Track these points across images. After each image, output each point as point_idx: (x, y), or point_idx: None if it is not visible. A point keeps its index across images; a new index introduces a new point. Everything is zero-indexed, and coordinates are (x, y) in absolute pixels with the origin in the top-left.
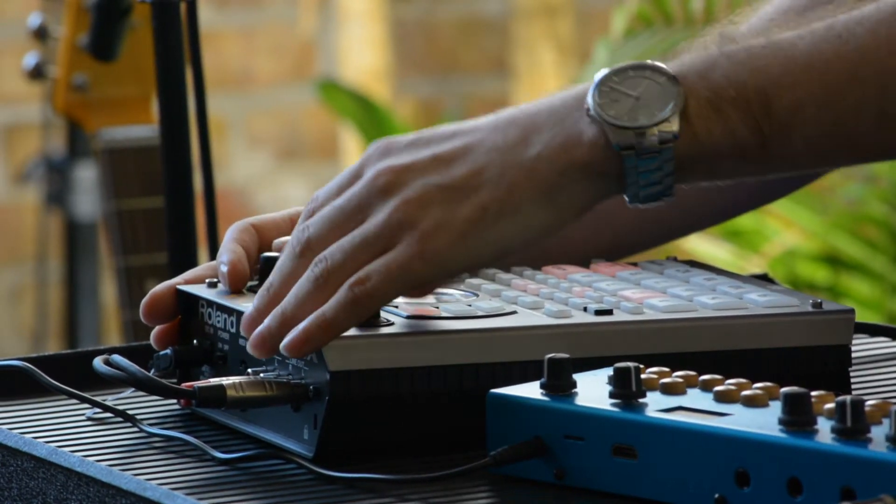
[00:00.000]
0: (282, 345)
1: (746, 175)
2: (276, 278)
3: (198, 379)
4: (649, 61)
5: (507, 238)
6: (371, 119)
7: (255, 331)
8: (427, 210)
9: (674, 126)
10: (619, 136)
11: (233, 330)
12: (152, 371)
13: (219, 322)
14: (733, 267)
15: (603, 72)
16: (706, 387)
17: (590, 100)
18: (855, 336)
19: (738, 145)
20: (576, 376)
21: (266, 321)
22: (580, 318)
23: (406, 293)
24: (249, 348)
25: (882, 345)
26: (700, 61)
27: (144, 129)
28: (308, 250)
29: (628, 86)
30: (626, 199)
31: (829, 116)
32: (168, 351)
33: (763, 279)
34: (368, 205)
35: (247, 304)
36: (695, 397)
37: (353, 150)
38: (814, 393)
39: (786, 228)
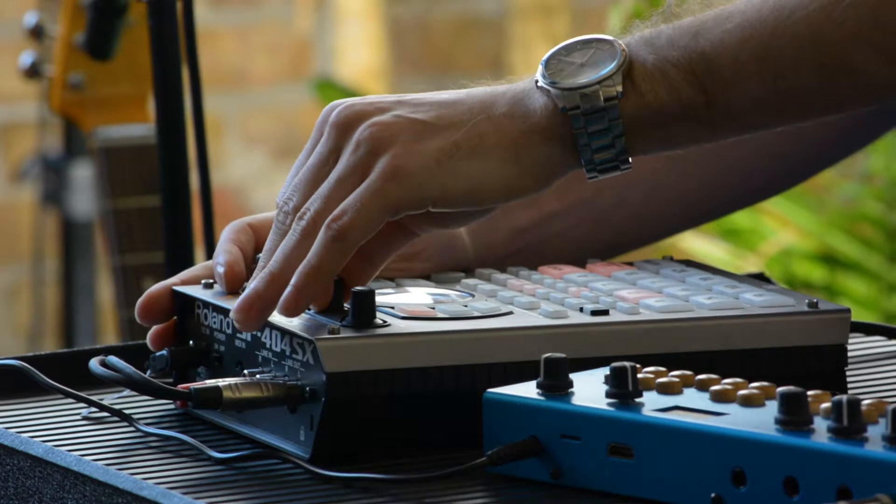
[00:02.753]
0: (277, 307)
1: (701, 139)
2: (263, 257)
3: (194, 380)
4: (598, 35)
5: (478, 177)
6: None
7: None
8: (399, 135)
9: (617, 85)
10: (564, 99)
11: (229, 331)
12: (148, 372)
13: (215, 323)
14: (730, 266)
15: (552, 49)
16: (702, 386)
17: (538, 74)
18: (851, 335)
19: (684, 105)
20: (572, 376)
21: (252, 284)
22: (576, 318)
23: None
24: (234, 315)
25: (878, 344)
26: (647, 31)
27: (141, 128)
28: (294, 214)
29: (575, 56)
30: (585, 170)
31: (770, 72)
32: (164, 352)
33: (759, 278)
34: (340, 146)
35: None
36: (691, 397)
37: None
38: (810, 392)
39: (782, 227)
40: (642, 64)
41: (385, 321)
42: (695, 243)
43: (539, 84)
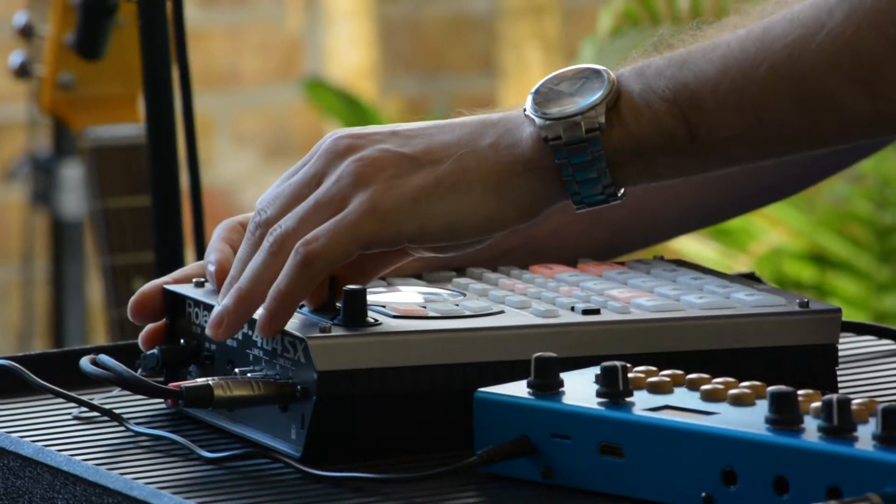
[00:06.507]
0: (257, 330)
1: (686, 171)
2: (234, 267)
3: (185, 379)
4: (590, 65)
5: (456, 214)
6: (357, 118)
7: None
8: (382, 171)
9: (600, 116)
10: (547, 129)
11: None
12: (139, 371)
13: (206, 322)
14: (720, 266)
15: (544, 78)
16: (693, 386)
17: (527, 103)
18: (841, 335)
19: (667, 136)
20: (563, 375)
21: (223, 300)
22: (567, 317)
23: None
24: (208, 331)
25: (868, 343)
26: (640, 62)
27: (131, 128)
28: (266, 227)
29: (564, 86)
30: (573, 202)
31: (750, 103)
32: (155, 350)
33: (750, 278)
34: (324, 172)
35: None
36: (682, 396)
37: None
38: (800, 392)
39: (772, 227)
40: (629, 94)
41: (376, 320)
42: (686, 243)
43: (526, 113)
